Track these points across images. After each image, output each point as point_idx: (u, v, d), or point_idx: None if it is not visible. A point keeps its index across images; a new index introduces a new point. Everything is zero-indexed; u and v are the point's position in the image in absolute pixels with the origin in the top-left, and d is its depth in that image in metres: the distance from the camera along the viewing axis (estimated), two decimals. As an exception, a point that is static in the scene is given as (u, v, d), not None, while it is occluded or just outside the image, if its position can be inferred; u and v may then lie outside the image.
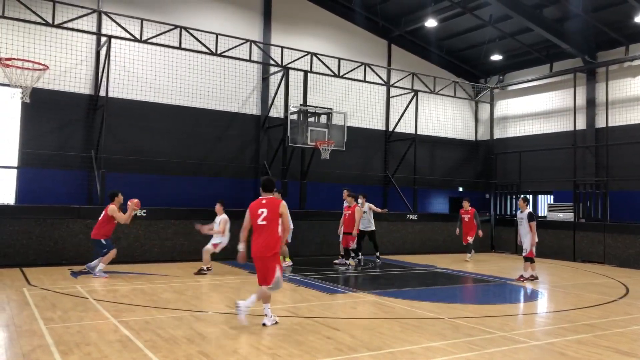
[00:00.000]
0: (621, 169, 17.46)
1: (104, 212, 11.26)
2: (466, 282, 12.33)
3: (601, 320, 8.13)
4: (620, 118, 17.86)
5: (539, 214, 20.85)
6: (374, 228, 14.58)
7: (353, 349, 6.07)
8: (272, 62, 16.91)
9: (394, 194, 19.57)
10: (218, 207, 12.45)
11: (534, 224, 12.01)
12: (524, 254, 12.10)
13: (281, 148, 16.77)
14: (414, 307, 8.70)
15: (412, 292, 10.85)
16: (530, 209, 12.43)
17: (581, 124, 18.90)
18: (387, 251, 16.68)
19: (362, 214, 13.90)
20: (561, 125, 19.69)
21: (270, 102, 17.54)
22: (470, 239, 15.87)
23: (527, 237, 12.00)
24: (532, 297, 10.71)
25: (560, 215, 18.71)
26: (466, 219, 16.05)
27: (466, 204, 16.21)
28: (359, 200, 14.42)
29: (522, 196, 12.98)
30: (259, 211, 7.10)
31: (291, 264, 13.33)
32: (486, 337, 6.85)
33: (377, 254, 14.77)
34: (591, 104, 18.72)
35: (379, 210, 15.17)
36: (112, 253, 11.14)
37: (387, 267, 14.20)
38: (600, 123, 18.39)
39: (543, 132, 20.30)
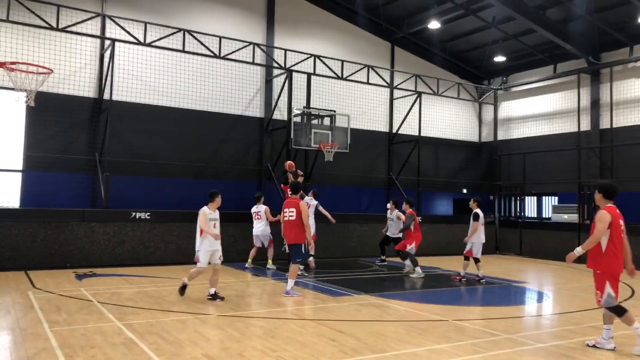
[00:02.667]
0: (626, 170, 17.40)
1: (294, 209, 9.50)
2: (470, 284, 12.29)
3: (607, 322, 8.09)
4: (624, 119, 17.80)
5: (544, 216, 20.77)
6: (399, 236, 14.13)
7: (357, 352, 6.06)
8: (275, 65, 16.94)
9: (398, 196, 19.46)
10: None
11: (477, 223, 12.21)
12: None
13: (285, 150, 16.77)
14: (418, 310, 8.68)
15: (416, 294, 10.83)
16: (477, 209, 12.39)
17: (585, 125, 18.84)
18: (391, 253, 16.63)
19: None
20: (565, 126, 19.64)
21: (273, 104, 17.56)
22: (409, 247, 12.81)
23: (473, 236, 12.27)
24: (537, 299, 10.68)
25: (565, 217, 18.64)
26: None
27: (390, 204, 14.05)
28: (387, 205, 14.54)
29: (474, 198, 12.81)
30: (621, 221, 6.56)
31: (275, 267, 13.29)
32: (491, 339, 6.82)
33: (383, 257, 14.90)
34: (595, 104, 18.65)
35: (329, 216, 13.79)
36: (297, 267, 9.74)
37: (391, 270, 14.18)
38: (604, 124, 18.33)
39: (547, 133, 20.24)
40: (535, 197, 21.14)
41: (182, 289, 9.27)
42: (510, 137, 21.82)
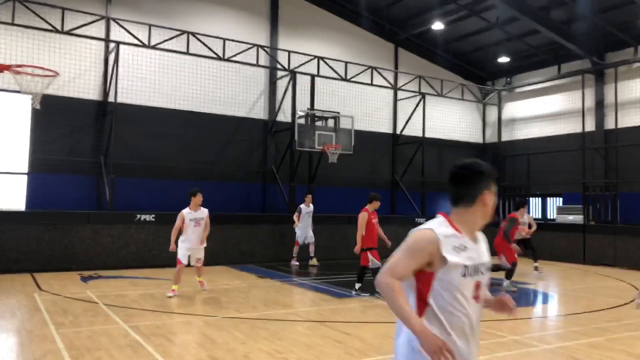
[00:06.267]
0: (631, 171, 17.34)
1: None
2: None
3: (613, 323, 8.07)
4: (629, 119, 17.73)
5: (549, 217, 20.71)
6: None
7: (363, 353, 6.06)
8: (279, 67, 16.96)
9: (402, 198, 19.53)
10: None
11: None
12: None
13: (289, 152, 16.78)
14: (424, 311, 8.65)
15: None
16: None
17: (590, 126, 18.78)
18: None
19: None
20: (570, 127, 19.57)
21: (277, 106, 17.57)
22: None
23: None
24: (543, 300, 10.64)
25: (570, 218, 18.58)
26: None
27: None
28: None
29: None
30: None
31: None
32: (497, 340, 6.80)
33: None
34: (600, 105, 18.59)
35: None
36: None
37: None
38: (609, 124, 18.27)
39: (551, 134, 20.17)
40: (539, 198, 21.09)
41: None
42: (514, 138, 21.76)
